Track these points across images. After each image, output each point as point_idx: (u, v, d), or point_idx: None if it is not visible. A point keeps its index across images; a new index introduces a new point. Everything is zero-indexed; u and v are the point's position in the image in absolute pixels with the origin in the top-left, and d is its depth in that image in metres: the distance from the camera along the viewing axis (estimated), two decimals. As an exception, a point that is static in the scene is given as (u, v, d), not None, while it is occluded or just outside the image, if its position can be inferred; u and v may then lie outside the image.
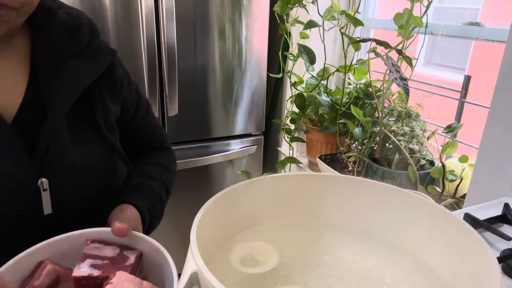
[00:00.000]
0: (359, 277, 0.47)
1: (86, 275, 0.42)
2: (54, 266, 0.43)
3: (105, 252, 0.46)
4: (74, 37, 0.55)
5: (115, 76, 0.60)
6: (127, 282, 0.41)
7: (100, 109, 0.57)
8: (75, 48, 0.55)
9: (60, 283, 0.44)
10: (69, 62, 0.53)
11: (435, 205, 0.49)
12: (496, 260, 0.39)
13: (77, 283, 0.42)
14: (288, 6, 1.15)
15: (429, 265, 0.48)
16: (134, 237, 0.48)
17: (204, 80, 1.51)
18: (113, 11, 1.27)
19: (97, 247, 0.46)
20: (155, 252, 0.46)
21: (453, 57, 2.75)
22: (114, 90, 0.61)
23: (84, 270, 0.43)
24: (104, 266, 0.44)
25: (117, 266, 0.45)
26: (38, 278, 0.42)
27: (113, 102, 0.60)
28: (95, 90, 0.57)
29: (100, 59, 0.57)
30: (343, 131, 1.24)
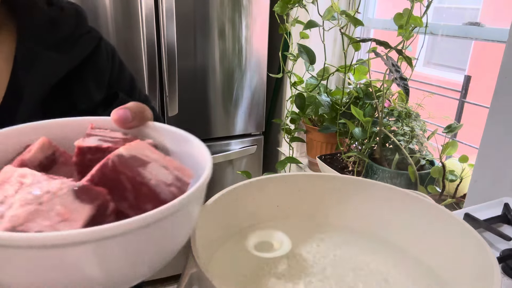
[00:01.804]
0: (359, 277, 0.47)
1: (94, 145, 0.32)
2: (50, 142, 0.33)
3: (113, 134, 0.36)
4: (56, 28, 0.55)
5: (99, 66, 0.59)
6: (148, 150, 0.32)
7: (82, 100, 0.56)
8: (55, 39, 0.54)
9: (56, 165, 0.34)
10: (45, 53, 0.52)
11: (435, 205, 0.49)
12: (496, 260, 0.39)
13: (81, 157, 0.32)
14: (288, 6, 1.15)
15: (429, 265, 0.48)
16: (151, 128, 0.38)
17: (204, 80, 1.51)
18: (113, 11, 1.27)
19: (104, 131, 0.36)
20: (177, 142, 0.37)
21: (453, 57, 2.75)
22: (100, 79, 0.59)
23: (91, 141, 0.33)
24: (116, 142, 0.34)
25: None
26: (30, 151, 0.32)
27: (99, 91, 0.59)
28: (77, 81, 0.56)
29: (79, 50, 0.56)
30: (343, 131, 1.24)
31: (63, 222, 0.25)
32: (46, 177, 0.27)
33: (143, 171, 0.29)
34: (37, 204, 0.25)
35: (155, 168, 0.30)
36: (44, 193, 0.26)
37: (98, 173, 0.28)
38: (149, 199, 0.29)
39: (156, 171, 0.30)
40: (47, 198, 0.25)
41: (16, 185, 0.26)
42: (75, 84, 0.55)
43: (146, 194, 0.29)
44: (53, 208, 0.25)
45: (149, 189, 0.29)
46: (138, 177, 0.29)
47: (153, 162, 0.31)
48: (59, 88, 0.53)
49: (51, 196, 0.25)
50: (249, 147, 1.70)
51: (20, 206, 0.25)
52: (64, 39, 0.55)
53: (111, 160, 0.28)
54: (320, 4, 1.11)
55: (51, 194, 0.26)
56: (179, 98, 1.45)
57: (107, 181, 0.28)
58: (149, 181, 0.29)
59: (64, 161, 0.34)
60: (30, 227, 0.24)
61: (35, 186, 0.26)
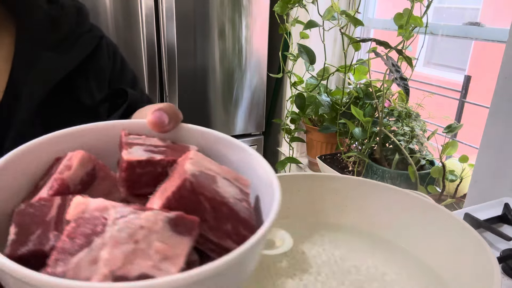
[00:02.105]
0: (358, 276, 0.47)
1: (145, 158, 0.29)
2: (89, 156, 0.30)
3: (153, 141, 0.32)
4: (56, 27, 0.53)
5: (100, 64, 0.58)
6: (207, 161, 0.29)
7: (83, 98, 0.55)
8: (55, 39, 0.53)
9: (96, 181, 0.30)
10: (44, 55, 0.51)
11: (435, 205, 0.49)
12: (496, 260, 0.39)
13: (130, 172, 0.28)
14: (288, 6, 1.15)
15: (429, 265, 0.48)
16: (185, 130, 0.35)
17: (204, 80, 1.51)
18: (113, 11, 1.27)
19: (139, 138, 0.32)
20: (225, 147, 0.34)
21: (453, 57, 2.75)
22: (101, 78, 0.58)
23: (139, 153, 0.29)
24: (163, 152, 0.31)
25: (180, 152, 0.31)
26: (69, 168, 0.28)
27: (100, 90, 0.58)
28: (78, 80, 0.55)
29: (79, 49, 0.55)
30: (343, 131, 1.24)
31: (164, 260, 0.22)
32: (130, 209, 0.24)
33: (218, 189, 0.27)
34: (133, 243, 0.22)
35: (223, 183, 0.28)
36: (138, 229, 0.22)
37: (176, 196, 0.25)
38: (229, 218, 0.27)
39: (225, 186, 0.28)
40: (143, 234, 0.22)
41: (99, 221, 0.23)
42: (76, 83, 0.55)
43: (226, 214, 0.27)
44: (151, 246, 0.22)
45: (229, 209, 0.27)
46: (218, 196, 0.26)
47: (217, 175, 0.28)
48: (60, 87, 0.52)
49: (146, 232, 0.22)
50: (249, 147, 1.70)
51: (113, 247, 0.21)
52: (64, 39, 0.54)
53: (188, 181, 0.26)
54: (320, 4, 1.11)
55: (146, 229, 0.23)
56: (179, 98, 1.45)
57: (185, 204, 0.25)
58: (228, 199, 0.27)
59: (104, 176, 0.30)
60: (131, 270, 0.21)
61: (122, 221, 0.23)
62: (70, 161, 0.29)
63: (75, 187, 0.28)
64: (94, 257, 0.21)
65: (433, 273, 0.48)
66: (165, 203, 0.25)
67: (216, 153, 0.34)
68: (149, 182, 0.29)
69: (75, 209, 0.23)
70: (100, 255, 0.21)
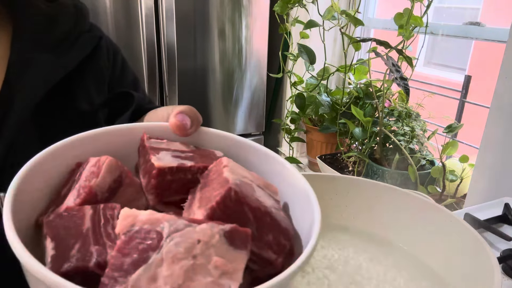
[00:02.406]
0: (358, 277, 0.47)
1: (176, 165, 0.28)
2: (116, 162, 0.28)
3: (176, 146, 0.31)
4: (54, 27, 0.52)
5: (99, 65, 0.57)
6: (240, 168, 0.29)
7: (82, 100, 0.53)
8: (53, 39, 0.51)
9: (122, 187, 0.28)
10: (41, 55, 0.49)
11: (435, 205, 0.49)
12: (497, 260, 0.39)
13: (160, 179, 0.27)
14: (288, 6, 1.15)
15: (429, 265, 0.48)
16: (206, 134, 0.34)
17: (204, 80, 1.51)
18: (113, 11, 1.27)
19: (162, 142, 0.31)
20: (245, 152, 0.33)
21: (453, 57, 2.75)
22: (100, 79, 0.57)
23: (168, 159, 0.28)
24: (192, 158, 0.30)
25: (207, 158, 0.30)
26: (97, 176, 0.27)
27: (98, 93, 0.56)
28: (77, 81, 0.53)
29: (77, 51, 0.53)
30: (343, 131, 1.24)
31: (224, 275, 0.21)
32: (183, 221, 0.23)
33: (259, 199, 0.26)
34: (192, 258, 0.21)
35: (259, 192, 0.27)
36: (195, 243, 0.22)
37: (220, 206, 0.25)
38: (271, 229, 0.26)
39: (263, 195, 0.27)
40: (201, 249, 0.21)
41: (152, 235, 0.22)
42: (74, 85, 0.53)
43: (268, 224, 0.26)
44: (209, 261, 0.21)
45: (272, 219, 0.26)
46: (261, 206, 0.26)
47: (253, 183, 0.28)
48: (57, 89, 0.50)
49: (204, 246, 0.22)
50: (249, 147, 1.70)
51: (172, 263, 0.21)
52: (63, 39, 0.52)
53: (233, 191, 0.25)
54: (320, 3, 1.11)
55: (203, 244, 0.22)
56: (179, 98, 1.45)
57: (230, 214, 0.25)
58: (271, 210, 0.27)
59: (129, 182, 0.29)
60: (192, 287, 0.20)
61: (178, 235, 0.22)
62: (97, 167, 0.27)
63: (103, 195, 0.27)
64: (153, 274, 0.20)
65: (433, 273, 0.47)
66: (210, 213, 0.25)
67: (237, 157, 0.33)
68: (178, 189, 0.28)
69: (123, 222, 0.22)
70: (159, 272, 0.20)
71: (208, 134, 0.35)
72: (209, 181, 0.28)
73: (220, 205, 0.25)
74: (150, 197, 0.28)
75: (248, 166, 0.32)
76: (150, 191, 0.28)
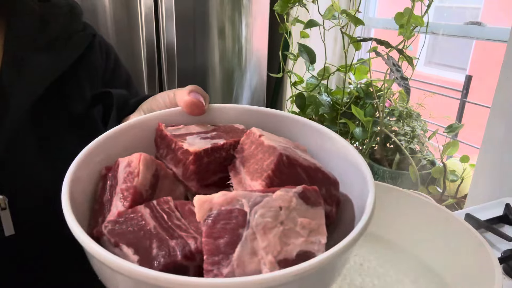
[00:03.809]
0: (358, 277, 0.47)
1: (210, 146, 0.28)
2: (150, 156, 0.28)
3: (196, 128, 0.31)
4: (47, 27, 0.51)
5: (93, 64, 0.56)
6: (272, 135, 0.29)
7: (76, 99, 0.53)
8: (46, 39, 0.50)
9: (159, 181, 0.28)
10: (34, 58, 0.49)
11: (436, 206, 0.49)
12: (497, 261, 0.39)
13: (198, 163, 0.27)
14: (288, 5, 1.14)
15: (430, 265, 0.48)
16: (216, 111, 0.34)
17: (204, 80, 1.51)
18: (112, 11, 1.27)
19: (179, 128, 0.31)
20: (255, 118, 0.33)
21: (454, 57, 2.75)
22: (94, 78, 0.56)
23: (199, 142, 0.28)
24: (219, 136, 0.30)
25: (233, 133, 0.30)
26: (137, 175, 0.27)
27: (93, 90, 0.56)
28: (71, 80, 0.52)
29: (71, 50, 0.52)
30: (343, 131, 1.24)
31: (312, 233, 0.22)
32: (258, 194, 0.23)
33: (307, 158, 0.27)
34: (280, 225, 0.22)
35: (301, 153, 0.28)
36: (279, 211, 0.22)
37: (276, 172, 0.25)
38: (323, 183, 0.27)
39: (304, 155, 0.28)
40: (285, 214, 0.22)
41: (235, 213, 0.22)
42: (69, 84, 0.52)
43: (320, 179, 0.27)
44: (296, 223, 0.22)
45: (323, 174, 0.27)
46: (312, 164, 0.27)
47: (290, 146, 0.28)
48: (51, 89, 0.49)
49: (287, 212, 0.23)
50: (249, 147, 1.70)
51: (265, 234, 0.21)
52: (56, 38, 0.51)
53: (284, 155, 0.26)
54: (321, 3, 1.11)
55: (285, 209, 0.23)
56: (179, 98, 1.45)
57: (286, 178, 0.26)
58: (319, 165, 0.28)
59: (164, 174, 0.29)
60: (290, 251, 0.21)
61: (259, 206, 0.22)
62: (133, 167, 0.27)
63: (147, 192, 0.27)
64: (252, 248, 0.21)
65: (434, 273, 0.47)
66: (268, 182, 0.25)
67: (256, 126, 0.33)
68: (216, 170, 0.29)
69: (201, 209, 0.23)
70: (256, 245, 0.21)
71: (220, 110, 0.34)
72: (250, 154, 0.28)
73: (276, 172, 0.25)
74: (191, 184, 0.28)
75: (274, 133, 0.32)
76: (191, 177, 0.28)
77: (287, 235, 0.22)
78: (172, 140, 0.29)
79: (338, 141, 0.32)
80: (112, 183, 0.28)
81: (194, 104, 0.32)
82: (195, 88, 0.34)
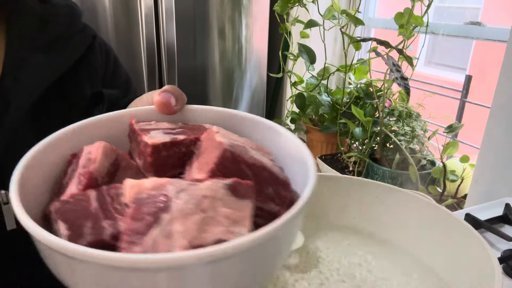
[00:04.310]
0: (358, 276, 0.47)
1: (168, 140, 0.29)
2: (111, 145, 0.29)
3: (166, 125, 0.32)
4: (48, 27, 0.51)
5: (94, 65, 0.57)
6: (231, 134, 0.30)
7: (77, 101, 0.53)
8: (46, 39, 0.51)
9: (119, 170, 0.29)
10: (36, 58, 0.49)
11: (436, 206, 0.49)
12: (497, 261, 0.39)
13: (156, 156, 0.28)
14: (288, 5, 1.14)
15: (429, 265, 0.48)
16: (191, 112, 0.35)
17: (204, 80, 1.51)
18: (112, 11, 1.27)
19: (150, 124, 0.32)
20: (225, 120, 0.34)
21: (454, 57, 2.75)
22: (94, 79, 0.57)
23: (160, 136, 0.29)
24: (183, 132, 0.31)
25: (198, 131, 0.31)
26: (94, 161, 0.27)
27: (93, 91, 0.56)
28: (71, 81, 0.53)
29: (72, 50, 0.53)
30: (343, 131, 1.24)
31: (234, 224, 0.23)
32: (187, 182, 0.24)
33: (255, 157, 0.28)
34: (201, 212, 0.22)
35: (254, 152, 0.29)
36: (202, 198, 0.23)
37: (219, 166, 0.26)
38: (270, 182, 0.27)
39: (257, 154, 0.29)
40: (208, 203, 0.23)
41: (160, 198, 0.23)
42: (69, 84, 0.53)
43: (267, 178, 0.27)
44: (218, 212, 0.23)
45: (269, 172, 0.28)
46: (257, 162, 0.27)
47: (245, 145, 0.29)
48: (52, 89, 0.50)
49: (211, 200, 0.23)
50: (249, 147, 1.70)
51: (184, 219, 0.22)
52: (57, 39, 0.52)
53: (228, 151, 0.26)
54: (321, 3, 1.11)
55: (210, 198, 0.23)
56: (179, 98, 1.45)
57: (229, 173, 0.26)
58: (267, 164, 0.28)
59: (126, 165, 0.30)
60: (206, 238, 0.22)
61: (184, 194, 0.23)
62: (93, 154, 0.28)
63: (103, 180, 0.28)
64: (168, 231, 0.21)
65: (434, 273, 0.47)
66: (210, 175, 0.26)
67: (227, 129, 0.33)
68: (175, 164, 0.29)
69: (131, 192, 0.24)
70: (173, 229, 0.21)
71: (194, 111, 0.36)
72: (203, 149, 0.29)
73: (219, 166, 0.26)
74: (150, 176, 0.29)
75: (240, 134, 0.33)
76: (149, 169, 0.29)
77: (207, 223, 0.22)
78: (138, 134, 0.30)
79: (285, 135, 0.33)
80: (74, 168, 0.29)
81: (163, 104, 0.33)
82: (169, 88, 0.34)
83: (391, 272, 0.48)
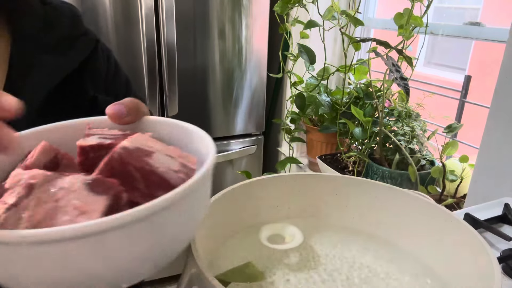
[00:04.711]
0: (358, 276, 0.47)
1: (96, 143, 0.32)
2: (50, 145, 0.33)
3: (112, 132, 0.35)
4: (51, 28, 0.52)
5: (97, 68, 0.58)
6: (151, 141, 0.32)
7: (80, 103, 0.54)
8: (52, 40, 0.52)
9: (59, 168, 0.33)
10: (41, 58, 0.50)
11: (435, 205, 0.49)
12: (497, 261, 0.39)
13: (84, 157, 0.32)
14: (288, 6, 1.15)
15: (429, 265, 0.48)
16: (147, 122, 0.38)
17: (204, 80, 1.51)
18: (113, 11, 1.27)
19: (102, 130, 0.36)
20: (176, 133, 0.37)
21: (453, 57, 2.75)
22: (97, 82, 0.58)
23: (91, 140, 0.32)
24: (116, 138, 0.33)
25: None
26: (31, 157, 0.31)
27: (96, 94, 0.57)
28: (75, 84, 0.54)
29: (77, 52, 0.54)
30: (343, 131, 1.24)
31: (81, 215, 0.25)
32: (57, 175, 0.27)
33: (149, 160, 0.30)
34: (54, 202, 0.25)
35: (160, 157, 0.31)
36: (58, 190, 0.26)
37: (107, 167, 0.29)
38: (160, 186, 0.29)
39: (162, 159, 0.31)
40: (62, 194, 0.26)
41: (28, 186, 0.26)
42: (73, 86, 0.54)
43: (156, 182, 0.29)
44: (69, 203, 0.25)
45: (159, 177, 0.29)
46: (146, 166, 0.29)
47: (157, 152, 0.31)
48: (56, 91, 0.51)
49: (65, 192, 0.26)
50: (249, 147, 1.70)
51: (36, 206, 0.25)
52: (61, 40, 0.53)
53: (117, 153, 0.29)
54: (320, 4, 1.11)
55: (65, 190, 0.26)
56: (179, 98, 1.45)
57: (116, 173, 0.28)
58: (157, 168, 0.29)
59: (67, 163, 0.33)
60: (50, 225, 0.24)
61: (47, 184, 0.26)
62: (33, 151, 0.32)
63: None
64: (19, 216, 0.24)
65: (433, 273, 0.47)
66: (97, 173, 0.28)
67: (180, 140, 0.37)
68: None
69: (12, 179, 0.27)
70: (23, 214, 0.25)
71: (149, 122, 0.38)
72: None
73: (107, 166, 0.29)
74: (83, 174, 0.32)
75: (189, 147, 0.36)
76: (78, 168, 0.32)
77: (56, 212, 0.25)
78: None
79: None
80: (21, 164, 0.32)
81: (113, 114, 0.36)
82: (125, 101, 0.37)
83: (391, 272, 0.48)
